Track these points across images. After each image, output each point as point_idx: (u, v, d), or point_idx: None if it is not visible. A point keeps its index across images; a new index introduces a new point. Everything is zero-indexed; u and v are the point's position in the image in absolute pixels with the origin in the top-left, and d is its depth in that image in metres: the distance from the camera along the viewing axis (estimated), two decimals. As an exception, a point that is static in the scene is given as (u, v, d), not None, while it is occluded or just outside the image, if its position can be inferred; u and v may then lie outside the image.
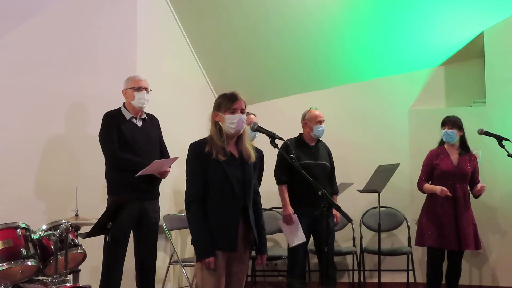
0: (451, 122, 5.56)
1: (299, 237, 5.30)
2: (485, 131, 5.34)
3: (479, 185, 5.57)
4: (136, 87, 4.81)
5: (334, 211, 5.34)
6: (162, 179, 4.96)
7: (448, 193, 5.40)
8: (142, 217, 4.80)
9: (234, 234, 3.58)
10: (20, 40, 5.50)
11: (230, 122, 3.60)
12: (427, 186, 5.59)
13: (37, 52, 5.50)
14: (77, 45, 5.58)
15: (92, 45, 5.59)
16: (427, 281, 5.63)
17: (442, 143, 5.68)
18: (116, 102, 4.94)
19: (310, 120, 5.51)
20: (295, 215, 5.31)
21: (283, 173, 5.44)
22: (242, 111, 3.64)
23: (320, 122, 5.48)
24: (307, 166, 5.17)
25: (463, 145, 5.64)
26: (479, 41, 6.79)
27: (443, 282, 5.73)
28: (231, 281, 3.69)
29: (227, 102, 3.63)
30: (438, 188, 5.45)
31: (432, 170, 5.61)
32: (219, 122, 3.64)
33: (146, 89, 4.84)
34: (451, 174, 5.49)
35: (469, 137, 5.86)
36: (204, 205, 3.59)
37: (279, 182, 5.46)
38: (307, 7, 6.22)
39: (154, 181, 4.86)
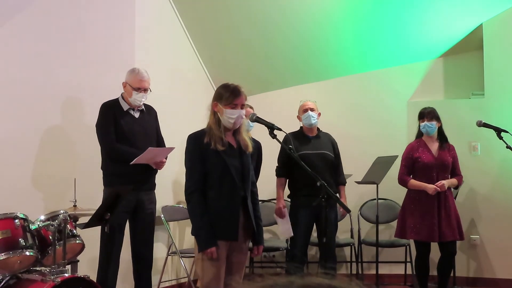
0: (430, 114, 5.50)
1: (287, 232, 5.38)
2: (484, 123, 5.34)
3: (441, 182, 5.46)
4: (136, 87, 4.79)
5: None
6: (158, 170, 4.96)
7: (439, 189, 5.37)
8: (138, 208, 4.81)
9: (235, 223, 3.61)
10: (17, 32, 5.47)
11: (229, 116, 3.61)
12: (414, 182, 5.49)
13: (34, 44, 5.48)
14: (74, 36, 5.55)
15: (90, 36, 5.57)
16: (416, 273, 5.64)
17: (419, 135, 5.63)
18: (113, 93, 4.94)
19: (299, 112, 5.57)
20: (285, 209, 5.38)
21: (282, 166, 5.50)
22: (242, 107, 3.66)
23: (307, 110, 5.49)
24: (306, 156, 5.18)
25: (441, 136, 5.61)
26: (478, 33, 6.77)
27: (435, 273, 5.74)
28: (232, 271, 3.71)
29: (229, 96, 3.63)
30: (430, 188, 5.36)
31: (413, 163, 5.55)
32: (218, 113, 3.64)
33: (145, 90, 4.82)
34: (433, 166, 5.46)
35: (467, 129, 5.87)
36: (204, 195, 3.60)
37: (276, 174, 5.52)
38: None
39: (150, 171, 4.86)
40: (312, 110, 5.49)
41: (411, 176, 5.56)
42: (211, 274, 3.57)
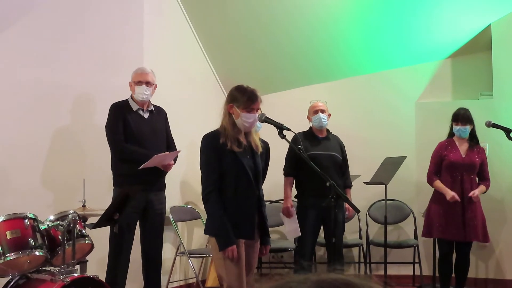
0: (465, 119, 5.54)
1: (295, 232, 5.38)
2: (493, 123, 5.32)
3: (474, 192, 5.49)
4: (136, 80, 4.84)
5: (346, 205, 5.35)
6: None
7: (458, 199, 5.38)
8: (147, 208, 4.82)
9: (252, 222, 3.66)
10: (26, 31, 5.50)
11: (245, 120, 3.64)
12: (438, 184, 5.55)
13: (43, 44, 5.50)
14: (83, 36, 5.57)
15: (99, 37, 5.59)
16: (439, 273, 5.64)
17: (451, 135, 5.66)
18: (122, 93, 4.96)
19: (309, 112, 5.57)
20: (293, 208, 5.38)
21: (290, 165, 5.50)
22: (257, 110, 3.71)
23: (317, 111, 5.49)
24: (315, 157, 5.18)
25: (473, 137, 5.63)
26: (486, 34, 6.75)
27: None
28: (251, 269, 3.76)
29: (247, 100, 3.66)
30: (449, 194, 5.41)
31: (441, 161, 5.59)
32: (233, 115, 3.66)
33: (147, 83, 4.84)
34: (459, 165, 5.49)
35: (476, 130, 5.83)
36: (221, 194, 3.63)
37: (284, 174, 5.52)
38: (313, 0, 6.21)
39: (159, 172, 4.87)
40: (322, 111, 5.49)
41: (438, 176, 5.59)
42: (234, 273, 3.61)
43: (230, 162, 3.62)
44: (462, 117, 5.53)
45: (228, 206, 3.62)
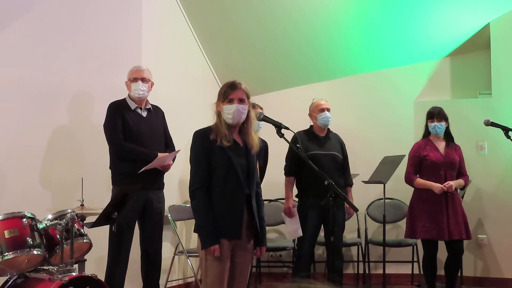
0: (440, 115, 5.50)
1: (296, 232, 5.36)
2: (491, 122, 5.31)
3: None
4: (132, 78, 4.85)
5: (347, 204, 5.34)
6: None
7: (445, 189, 5.36)
8: (146, 207, 4.81)
9: (239, 221, 3.55)
10: (25, 30, 5.49)
11: (227, 112, 3.58)
12: (420, 181, 5.48)
13: (41, 43, 5.49)
14: (82, 35, 5.56)
15: (97, 36, 5.58)
16: (424, 273, 5.61)
17: (427, 135, 5.63)
18: (120, 92, 4.95)
19: (313, 110, 5.53)
20: (295, 209, 5.37)
21: (290, 165, 5.48)
22: (241, 101, 3.59)
23: (323, 110, 5.47)
24: (315, 157, 5.17)
25: (448, 136, 5.60)
26: (485, 33, 6.75)
27: (443, 273, 5.72)
28: (236, 272, 3.66)
29: (225, 92, 3.61)
30: (436, 187, 5.35)
31: (420, 162, 5.54)
32: (221, 112, 3.63)
33: (143, 79, 4.84)
34: (441, 164, 5.45)
35: (474, 129, 5.85)
36: (208, 192, 3.56)
37: (285, 173, 5.51)
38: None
39: (158, 171, 4.87)
40: (328, 110, 5.49)
41: (417, 175, 5.54)
42: (214, 273, 3.52)
43: (219, 158, 3.54)
44: (438, 113, 5.51)
45: (215, 204, 3.54)
